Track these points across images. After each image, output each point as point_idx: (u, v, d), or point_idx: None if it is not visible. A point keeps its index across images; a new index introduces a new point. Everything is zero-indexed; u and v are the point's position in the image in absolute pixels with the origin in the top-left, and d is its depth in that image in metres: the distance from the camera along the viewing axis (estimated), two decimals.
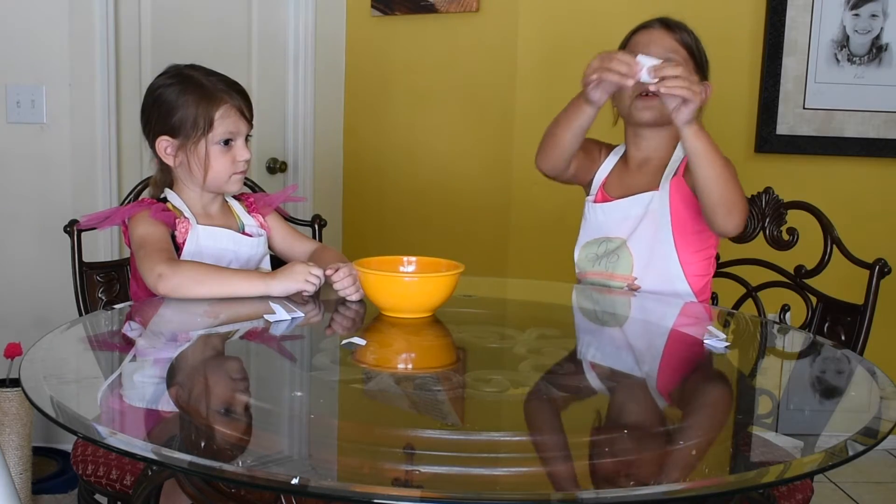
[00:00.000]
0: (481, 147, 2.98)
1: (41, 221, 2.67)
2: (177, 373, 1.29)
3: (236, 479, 1.00)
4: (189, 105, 1.74)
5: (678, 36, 1.82)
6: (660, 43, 1.81)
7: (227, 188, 1.81)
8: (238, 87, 1.80)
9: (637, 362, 1.52)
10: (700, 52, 1.85)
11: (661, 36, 1.82)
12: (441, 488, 0.95)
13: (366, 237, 3.26)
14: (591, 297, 1.89)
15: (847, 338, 1.73)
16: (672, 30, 1.83)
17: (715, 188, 1.66)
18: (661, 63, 1.60)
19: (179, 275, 1.62)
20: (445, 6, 2.98)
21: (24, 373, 1.21)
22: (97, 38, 2.66)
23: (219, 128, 1.75)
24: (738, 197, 1.69)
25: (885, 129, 2.97)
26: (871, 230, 2.88)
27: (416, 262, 1.68)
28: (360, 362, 1.40)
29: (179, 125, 1.75)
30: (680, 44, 1.82)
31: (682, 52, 1.81)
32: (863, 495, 2.75)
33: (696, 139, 1.63)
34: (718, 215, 1.68)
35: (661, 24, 1.84)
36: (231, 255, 1.79)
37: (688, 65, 1.80)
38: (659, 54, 1.73)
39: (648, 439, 1.11)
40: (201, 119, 1.74)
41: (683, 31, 1.84)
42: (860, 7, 2.91)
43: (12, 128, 2.66)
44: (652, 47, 1.80)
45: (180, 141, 1.76)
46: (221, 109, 1.75)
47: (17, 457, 2.37)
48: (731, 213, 1.68)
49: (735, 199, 1.68)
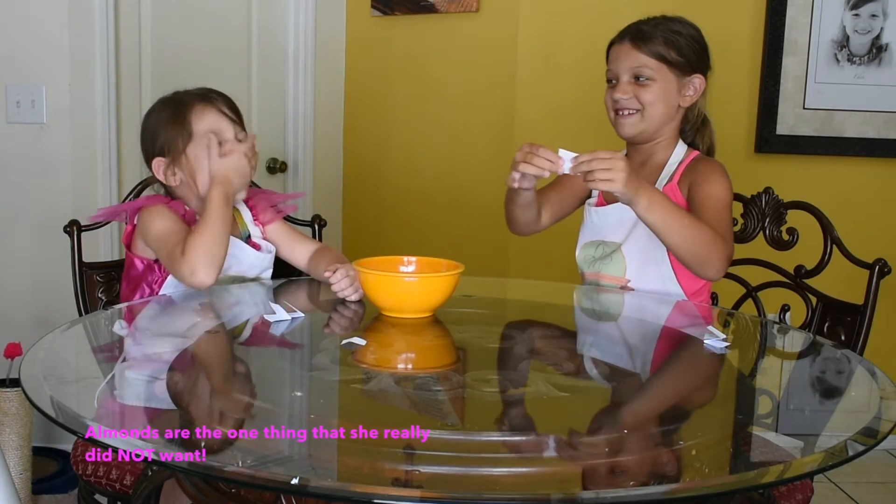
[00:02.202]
0: (481, 147, 2.98)
1: (41, 221, 2.67)
2: (176, 373, 1.29)
3: (236, 479, 1.00)
4: (167, 121, 1.76)
5: (649, 49, 1.80)
6: (627, 61, 1.82)
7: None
8: (217, 92, 1.80)
9: (636, 361, 1.52)
10: (688, 49, 1.82)
11: (628, 53, 1.82)
12: (441, 488, 0.95)
13: (366, 237, 3.26)
14: (589, 296, 1.89)
15: (847, 338, 1.73)
16: (641, 45, 1.81)
17: (683, 252, 1.66)
18: (578, 156, 1.59)
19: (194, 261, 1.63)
20: (445, 6, 2.98)
21: (24, 373, 1.21)
22: (97, 38, 2.66)
23: (198, 128, 1.75)
24: (710, 250, 1.65)
25: (885, 129, 2.97)
26: (871, 230, 2.89)
27: (416, 262, 1.68)
28: (360, 362, 1.40)
29: (164, 143, 1.77)
30: (651, 56, 1.80)
31: (652, 66, 1.80)
32: (863, 495, 2.75)
33: (648, 213, 1.62)
34: (693, 269, 1.69)
35: (632, 38, 1.82)
36: (232, 260, 1.78)
37: (662, 74, 1.80)
38: (627, 71, 1.81)
39: (648, 439, 1.11)
40: (179, 127, 1.74)
41: (657, 38, 1.81)
42: (860, 7, 2.91)
43: (12, 128, 2.66)
44: (621, 63, 1.83)
45: (170, 158, 1.77)
46: (195, 111, 1.75)
47: (17, 457, 2.37)
48: (705, 266, 1.67)
49: (706, 254, 1.65)
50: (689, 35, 1.84)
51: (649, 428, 1.18)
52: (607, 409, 1.26)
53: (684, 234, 1.64)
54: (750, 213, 1.96)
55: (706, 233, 1.66)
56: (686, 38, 1.83)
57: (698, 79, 1.84)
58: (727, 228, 1.75)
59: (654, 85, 1.81)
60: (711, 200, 1.76)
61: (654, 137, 1.86)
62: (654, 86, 1.81)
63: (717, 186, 1.77)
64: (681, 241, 1.65)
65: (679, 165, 1.85)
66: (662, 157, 1.87)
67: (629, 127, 1.84)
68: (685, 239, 1.64)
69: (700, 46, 1.85)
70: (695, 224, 1.65)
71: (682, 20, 1.86)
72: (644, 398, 1.31)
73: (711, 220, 1.71)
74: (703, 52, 1.86)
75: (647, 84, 1.81)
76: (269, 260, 1.86)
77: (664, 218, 1.62)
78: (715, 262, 1.66)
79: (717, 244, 1.66)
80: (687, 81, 1.83)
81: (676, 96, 1.84)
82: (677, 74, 1.82)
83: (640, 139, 1.87)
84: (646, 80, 1.81)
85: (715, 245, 1.66)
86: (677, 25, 1.84)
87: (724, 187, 1.78)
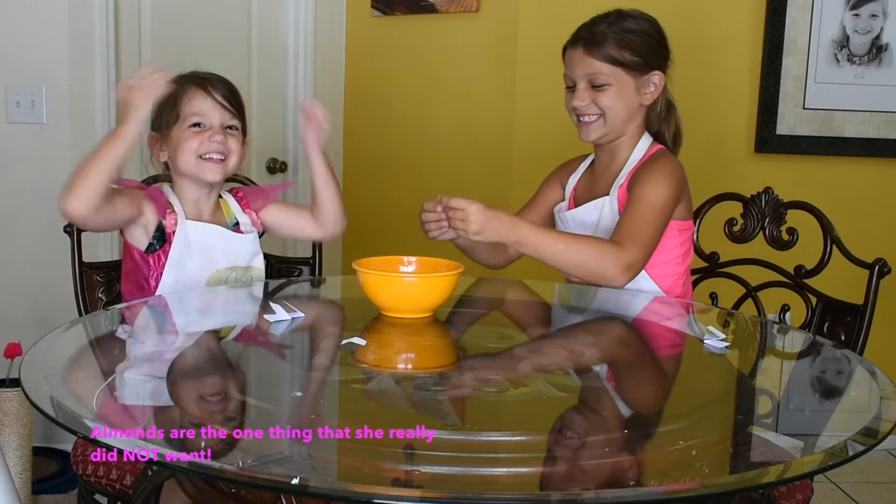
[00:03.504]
0: (481, 147, 2.98)
1: (41, 221, 2.66)
2: (176, 373, 1.29)
3: (236, 479, 1.00)
4: (164, 99, 1.75)
5: (601, 53, 1.77)
6: (582, 67, 1.81)
7: (201, 174, 1.77)
8: (219, 77, 1.81)
9: (636, 361, 1.52)
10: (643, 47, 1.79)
11: (582, 59, 1.80)
12: (441, 488, 0.95)
13: (366, 237, 3.26)
14: (583, 294, 1.89)
15: (847, 338, 1.73)
16: (594, 50, 1.78)
17: (569, 272, 1.73)
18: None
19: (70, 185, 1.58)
20: (445, 6, 2.98)
21: (24, 373, 1.21)
22: (97, 38, 2.66)
23: (185, 109, 1.76)
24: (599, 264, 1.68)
25: (885, 129, 2.97)
26: (871, 230, 2.89)
27: (416, 262, 1.68)
28: (360, 362, 1.39)
29: (157, 120, 1.79)
30: (605, 61, 1.77)
31: (606, 71, 1.78)
32: (863, 495, 2.75)
33: (520, 248, 1.68)
34: (591, 283, 1.73)
35: (584, 44, 1.80)
36: (219, 251, 1.78)
37: (618, 78, 1.78)
38: (583, 77, 1.80)
39: (648, 439, 1.11)
40: (169, 105, 1.75)
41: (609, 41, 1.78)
42: (860, 7, 2.91)
43: (12, 128, 2.66)
44: (576, 70, 1.82)
45: (160, 133, 1.79)
46: (188, 93, 1.76)
47: (17, 457, 2.37)
48: (599, 279, 1.71)
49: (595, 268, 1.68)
50: (643, 31, 1.80)
51: (649, 428, 1.18)
52: (607, 410, 1.26)
53: (562, 259, 1.68)
54: (750, 213, 1.96)
55: (589, 249, 1.68)
56: (640, 36, 1.79)
57: (657, 76, 1.81)
58: (644, 233, 1.72)
59: (610, 90, 1.79)
60: (637, 203, 1.75)
61: (620, 137, 1.85)
62: (610, 90, 1.79)
63: (650, 188, 1.76)
64: (561, 265, 1.71)
65: (635, 167, 1.83)
66: (624, 156, 1.86)
67: (592, 132, 1.83)
68: (565, 262, 1.70)
69: (656, 41, 1.82)
70: (572, 245, 1.68)
71: (637, 14, 1.82)
72: (644, 398, 1.31)
73: (628, 224, 1.72)
74: (661, 46, 1.82)
75: (604, 89, 1.79)
76: (253, 242, 1.85)
77: (535, 251, 1.68)
78: (609, 273, 1.68)
79: (606, 256, 1.68)
80: (646, 80, 1.81)
81: (636, 96, 1.81)
82: (634, 75, 1.79)
83: (605, 141, 1.86)
84: (602, 86, 1.79)
85: (604, 258, 1.68)
86: (631, 22, 1.80)
87: (661, 189, 1.76)
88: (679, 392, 1.37)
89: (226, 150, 1.76)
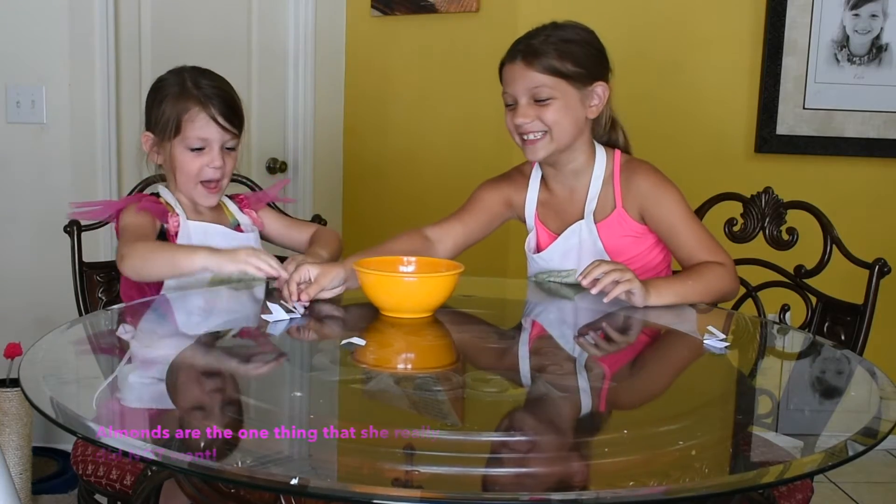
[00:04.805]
0: (481, 147, 2.98)
1: (41, 221, 2.67)
2: (175, 373, 1.29)
3: (236, 479, 1.00)
4: (167, 103, 1.76)
5: (542, 65, 1.71)
6: (523, 82, 1.73)
7: (198, 199, 1.80)
8: (223, 95, 1.78)
9: (636, 361, 1.52)
10: (584, 57, 1.74)
11: (522, 73, 1.72)
12: (441, 488, 0.95)
13: (366, 237, 3.26)
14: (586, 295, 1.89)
15: (847, 338, 1.73)
16: (534, 62, 1.71)
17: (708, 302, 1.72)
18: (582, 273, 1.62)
19: (132, 255, 1.64)
20: (445, 6, 2.98)
21: (23, 373, 1.21)
22: (97, 38, 2.66)
23: (187, 131, 1.75)
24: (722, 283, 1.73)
25: (885, 129, 2.97)
26: (871, 230, 2.88)
27: (416, 262, 1.68)
28: (360, 362, 1.39)
29: (156, 122, 1.78)
30: (547, 73, 1.71)
31: (549, 83, 1.71)
32: (863, 495, 2.75)
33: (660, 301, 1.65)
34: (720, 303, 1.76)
35: (523, 57, 1.73)
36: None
37: (562, 90, 1.72)
38: (525, 92, 1.72)
39: (647, 439, 1.11)
40: (172, 120, 1.75)
41: (550, 52, 1.71)
42: (860, 7, 2.91)
43: (12, 128, 2.66)
44: (517, 85, 1.74)
45: (157, 138, 1.79)
46: (191, 113, 1.75)
47: (17, 457, 2.37)
48: (727, 296, 1.76)
49: (721, 289, 1.73)
50: (583, 41, 1.75)
51: (648, 427, 1.18)
52: (607, 409, 1.26)
53: (698, 294, 1.70)
54: (750, 213, 1.96)
55: (709, 275, 1.71)
56: (580, 46, 1.74)
57: (601, 86, 1.76)
58: (710, 240, 1.77)
59: (555, 103, 1.72)
60: (680, 222, 1.76)
61: (569, 154, 1.79)
62: (555, 104, 1.72)
63: (672, 204, 1.76)
64: (700, 299, 1.71)
65: (609, 180, 1.80)
66: (586, 175, 1.82)
67: (540, 151, 1.75)
68: (702, 295, 1.71)
69: (597, 51, 1.76)
70: (699, 279, 1.70)
71: (574, 25, 1.78)
72: (644, 398, 1.31)
73: (695, 243, 1.74)
74: (601, 56, 1.77)
75: (548, 104, 1.72)
76: (255, 241, 1.87)
77: (676, 298, 1.67)
78: (730, 285, 1.74)
79: (720, 273, 1.72)
80: (589, 91, 1.75)
81: (581, 109, 1.75)
82: (577, 87, 1.73)
83: (552, 160, 1.80)
84: (546, 100, 1.72)
85: (721, 275, 1.72)
86: (569, 33, 1.75)
87: (677, 198, 1.76)
88: (679, 392, 1.37)
89: (223, 173, 1.79)
